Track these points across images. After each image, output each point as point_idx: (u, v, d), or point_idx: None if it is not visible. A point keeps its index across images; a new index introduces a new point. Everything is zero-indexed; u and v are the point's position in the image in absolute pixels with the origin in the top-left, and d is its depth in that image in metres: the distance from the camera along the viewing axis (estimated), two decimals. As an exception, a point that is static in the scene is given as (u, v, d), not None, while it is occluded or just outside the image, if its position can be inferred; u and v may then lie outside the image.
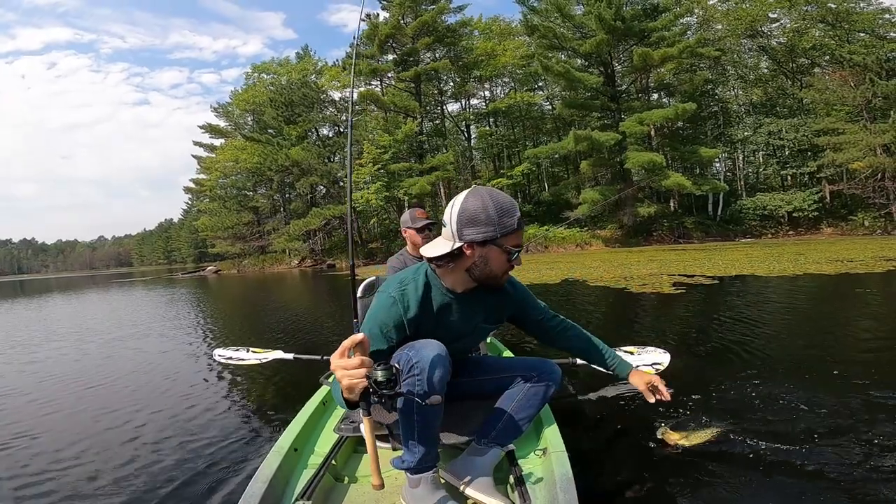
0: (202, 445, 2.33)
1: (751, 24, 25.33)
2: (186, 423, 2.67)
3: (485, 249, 1.39)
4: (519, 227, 1.39)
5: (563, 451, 1.54)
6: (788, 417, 2.23)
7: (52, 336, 6.85)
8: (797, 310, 5.13)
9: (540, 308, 1.69)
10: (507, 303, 1.61)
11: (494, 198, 1.37)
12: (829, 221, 22.71)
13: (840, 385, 2.63)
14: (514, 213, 1.38)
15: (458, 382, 1.66)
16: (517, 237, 1.40)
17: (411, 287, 1.45)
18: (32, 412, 3.16)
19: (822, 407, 2.32)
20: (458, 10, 29.29)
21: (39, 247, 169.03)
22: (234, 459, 2.15)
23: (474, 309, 1.53)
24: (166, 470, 2.09)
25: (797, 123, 24.00)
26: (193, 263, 56.62)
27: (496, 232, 1.36)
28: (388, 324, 1.40)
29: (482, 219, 1.36)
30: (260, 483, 1.37)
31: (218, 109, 39.21)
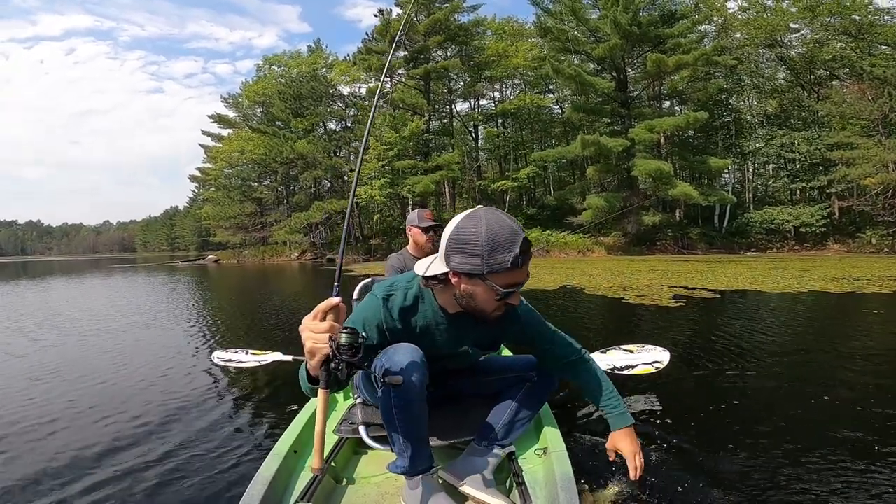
0: (201, 447, 2.31)
1: (770, 34, 24.90)
2: (185, 426, 2.63)
3: (470, 283, 1.26)
4: (514, 265, 1.20)
5: (563, 451, 1.53)
6: (780, 437, 2.13)
7: (47, 325, 6.73)
8: (798, 329, 4.93)
9: (549, 340, 1.55)
10: (506, 332, 1.51)
11: (492, 227, 1.21)
12: (836, 238, 22.37)
13: (837, 410, 2.54)
14: (511, 249, 1.19)
15: (457, 383, 1.66)
16: (511, 276, 1.23)
17: (399, 296, 1.40)
18: (24, 413, 2.99)
19: (817, 431, 2.24)
20: (471, 9, 29.14)
21: (44, 229, 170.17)
22: (234, 462, 2.14)
23: (465, 332, 1.45)
24: (164, 472, 2.07)
25: (810, 136, 23.63)
26: (196, 251, 56.78)
27: (482, 268, 1.21)
28: (370, 323, 1.37)
29: (470, 249, 1.22)
30: (259, 485, 1.37)
31: (228, 100, 39.30)
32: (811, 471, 1.83)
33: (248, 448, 2.30)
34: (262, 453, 2.09)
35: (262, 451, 2.17)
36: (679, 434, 2.22)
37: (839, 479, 1.79)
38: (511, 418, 1.56)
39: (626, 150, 23.36)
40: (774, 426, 2.29)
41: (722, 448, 2.04)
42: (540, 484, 1.48)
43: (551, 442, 1.62)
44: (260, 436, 2.46)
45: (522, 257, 1.21)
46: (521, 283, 1.27)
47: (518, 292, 1.30)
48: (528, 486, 1.44)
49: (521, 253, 1.21)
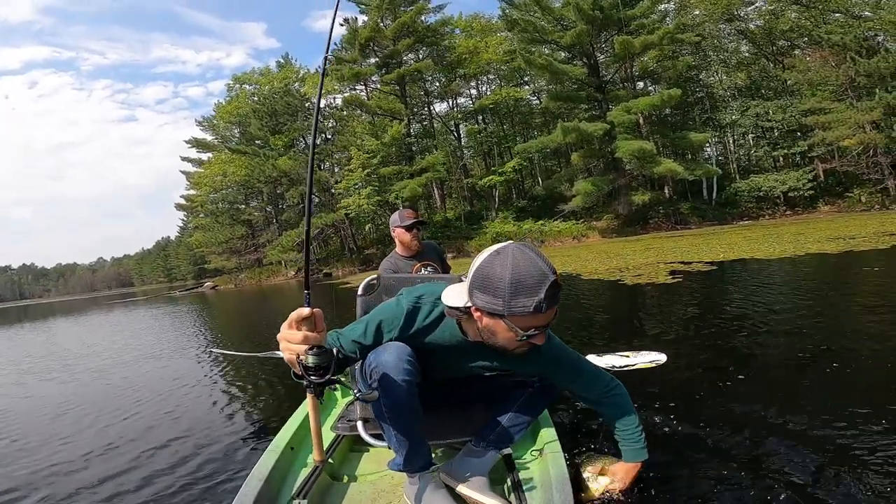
0: (198, 444, 2.31)
1: (727, 8, 25.19)
2: (182, 423, 2.63)
3: (492, 321, 1.24)
4: (538, 310, 1.16)
5: (559, 452, 1.53)
6: (790, 420, 2.04)
7: (57, 365, 6.59)
8: (800, 293, 4.89)
9: (575, 378, 1.53)
10: (527, 362, 1.45)
11: (518, 269, 1.17)
12: (826, 199, 22.55)
13: (848, 380, 2.43)
14: (536, 293, 1.15)
15: (457, 385, 1.66)
16: (534, 320, 1.19)
17: (424, 310, 1.40)
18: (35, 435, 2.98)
19: (827, 408, 2.11)
20: (437, 9, 29.13)
21: (39, 271, 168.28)
22: (230, 458, 2.13)
23: (483, 358, 1.45)
24: (162, 469, 2.06)
25: (783, 105, 23.86)
26: (193, 280, 56.40)
27: (504, 310, 1.19)
28: (385, 324, 1.37)
29: (493, 289, 1.19)
30: (256, 481, 1.36)
31: (203, 123, 38.89)
32: (820, 454, 1.74)
33: (244, 444, 2.28)
34: (259, 449, 2.07)
35: (259, 448, 2.15)
36: (677, 429, 2.15)
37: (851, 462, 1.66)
38: (511, 422, 1.56)
39: (607, 133, 23.43)
40: (783, 408, 2.16)
41: (722, 440, 1.96)
42: (535, 485, 1.48)
43: (547, 443, 1.61)
44: (257, 432, 2.44)
45: (547, 302, 1.17)
46: (544, 326, 1.23)
47: (543, 333, 1.25)
48: (523, 486, 1.45)
49: (547, 298, 1.16)
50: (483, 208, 31.11)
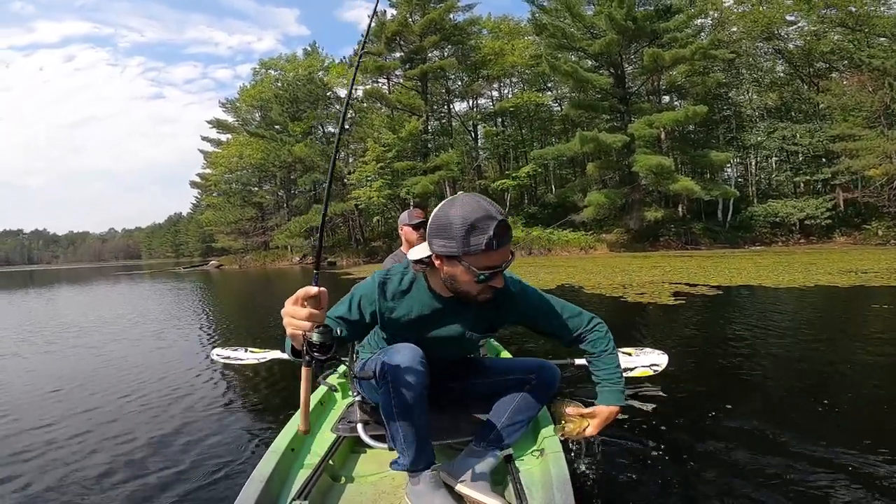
0: (198, 445, 2.29)
1: (767, 27, 24.67)
2: (182, 423, 2.60)
3: (450, 265, 1.32)
4: (489, 247, 1.24)
5: (559, 452, 1.53)
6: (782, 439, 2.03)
7: (55, 335, 6.62)
8: (804, 325, 4.72)
9: (553, 315, 1.55)
10: (504, 312, 1.51)
11: (469, 210, 1.25)
12: (842, 230, 22.06)
13: (844, 411, 2.42)
14: (486, 231, 1.23)
15: (457, 384, 1.68)
16: (487, 258, 1.27)
17: (395, 278, 1.46)
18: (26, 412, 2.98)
19: (823, 433, 2.13)
20: (466, 8, 28.98)
21: (50, 238, 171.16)
22: (231, 459, 2.12)
23: (461, 316, 1.47)
24: (161, 470, 2.05)
25: (812, 129, 23.35)
26: (200, 257, 56.91)
27: (458, 250, 1.27)
28: (364, 300, 1.43)
29: (447, 232, 1.27)
30: (256, 483, 1.36)
31: (226, 105, 39.22)
32: (814, 473, 1.79)
33: (245, 446, 2.27)
34: (259, 451, 2.05)
35: (259, 449, 2.15)
36: (677, 433, 2.21)
37: (842, 482, 1.72)
38: (510, 421, 1.57)
39: (626, 145, 23.15)
40: (776, 428, 2.21)
41: (720, 449, 2.02)
42: (536, 485, 1.48)
43: (548, 443, 1.61)
44: (257, 433, 2.43)
45: (497, 240, 1.24)
46: (498, 265, 1.29)
47: (501, 275, 1.32)
48: (524, 487, 1.44)
49: (496, 235, 1.24)
50: (494, 211, 30.95)
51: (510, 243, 1.30)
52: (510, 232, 1.29)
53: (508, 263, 1.32)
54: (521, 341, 3.90)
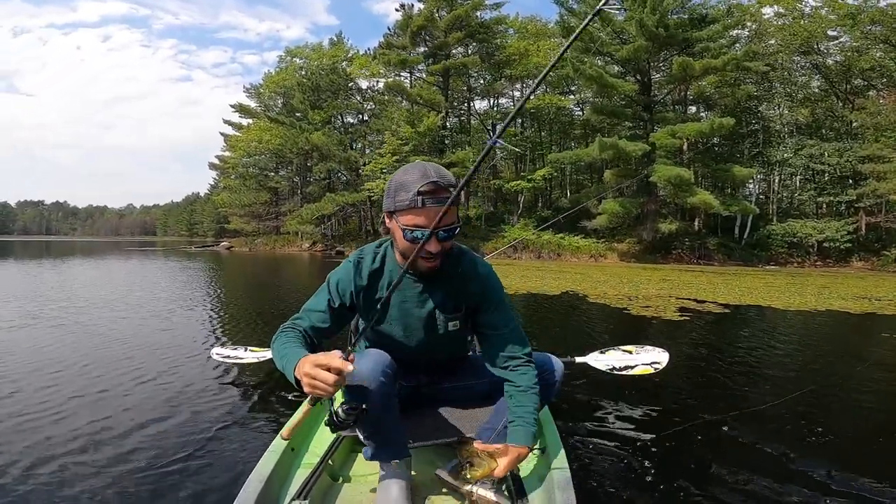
0: (197, 444, 2.27)
1: (806, 41, 23.93)
2: (181, 421, 2.56)
3: (389, 222, 1.36)
4: (413, 204, 1.26)
5: (560, 451, 1.53)
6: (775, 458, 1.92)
7: (60, 309, 6.71)
8: (808, 350, 4.56)
9: (502, 320, 1.48)
10: (465, 290, 1.48)
11: (408, 170, 1.32)
12: (861, 255, 21.43)
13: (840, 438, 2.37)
14: (411, 188, 1.26)
15: (455, 385, 1.68)
16: (412, 215, 1.28)
17: (368, 257, 1.46)
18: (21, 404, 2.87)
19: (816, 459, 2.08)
20: (494, 6, 28.72)
21: (70, 210, 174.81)
22: (230, 458, 2.12)
23: (430, 291, 1.46)
24: (160, 468, 2.02)
25: (842, 148, 22.66)
26: (213, 237, 57.61)
27: (391, 205, 1.32)
28: (342, 283, 1.43)
29: (388, 189, 1.34)
30: (256, 482, 1.36)
31: (250, 90, 39.60)
32: (809, 492, 1.80)
33: (244, 445, 2.26)
34: (258, 450, 2.02)
35: (258, 448, 2.10)
36: (676, 437, 2.24)
37: None
38: None
39: (646, 154, 22.76)
40: (771, 442, 2.22)
41: (717, 456, 2.04)
42: (537, 484, 1.48)
43: (549, 441, 1.62)
44: (256, 433, 2.41)
45: (423, 198, 1.25)
46: (425, 226, 1.26)
47: (432, 239, 1.28)
48: (525, 486, 1.45)
49: (420, 193, 1.25)
50: (506, 212, 30.77)
51: (445, 206, 1.23)
52: (444, 192, 1.27)
53: (445, 229, 1.29)
54: (537, 331, 3.87)
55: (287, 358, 1.25)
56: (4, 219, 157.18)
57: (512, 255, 24.36)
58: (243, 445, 2.26)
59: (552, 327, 5.80)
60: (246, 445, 2.26)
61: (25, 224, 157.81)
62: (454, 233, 1.33)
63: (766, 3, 26.01)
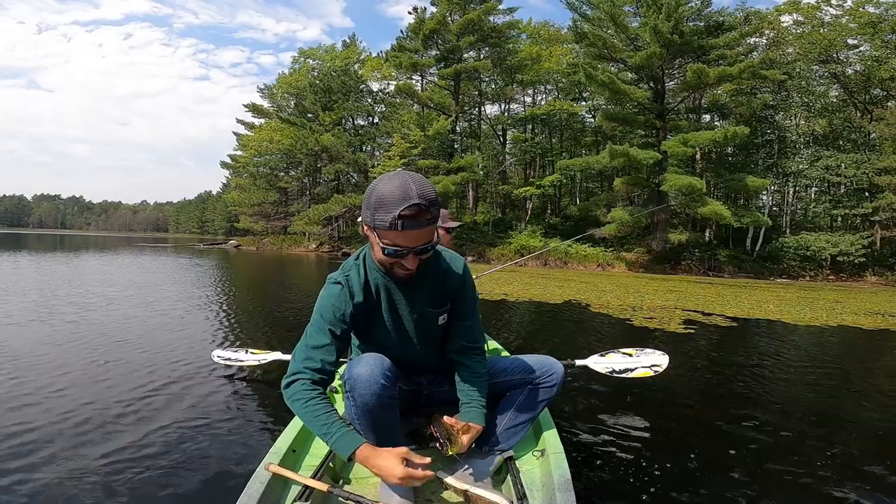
0: (198, 446, 2.26)
1: (825, 49, 23.48)
2: (182, 422, 2.54)
3: (368, 233, 1.36)
4: (392, 227, 1.25)
5: (561, 453, 1.53)
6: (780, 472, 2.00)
7: (68, 303, 6.70)
8: (816, 365, 4.35)
9: (469, 313, 1.58)
10: (448, 284, 1.53)
11: (388, 186, 1.27)
12: (875, 269, 20.90)
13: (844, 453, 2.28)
14: (392, 210, 1.24)
15: (455, 388, 1.64)
16: (392, 237, 1.28)
17: (354, 272, 1.45)
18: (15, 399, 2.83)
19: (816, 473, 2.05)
20: (507, 11, 28.67)
21: (85, 205, 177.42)
22: (232, 460, 2.10)
23: (416, 291, 1.48)
24: (161, 470, 2.00)
25: (859, 160, 22.14)
26: (223, 236, 58.13)
27: (370, 221, 1.31)
28: (333, 315, 1.41)
29: (366, 201, 1.32)
30: (258, 484, 1.37)
31: (263, 90, 39.95)
32: None
33: (245, 447, 2.25)
34: (260, 452, 2.00)
35: (260, 450, 2.11)
36: (676, 439, 2.29)
37: None
38: (511, 423, 1.57)
39: (658, 163, 22.48)
40: (772, 453, 2.20)
41: (716, 459, 2.07)
42: (537, 486, 1.49)
43: (549, 443, 1.61)
44: (258, 434, 2.41)
45: (402, 221, 1.24)
46: (402, 245, 1.29)
47: (410, 257, 1.31)
48: (525, 487, 1.44)
49: (402, 217, 1.23)
50: (514, 218, 30.59)
51: (427, 227, 1.29)
52: (426, 215, 1.26)
53: (426, 246, 1.32)
54: (522, 340, 3.84)
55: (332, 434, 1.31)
56: (20, 212, 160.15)
57: (519, 263, 24.15)
58: (244, 447, 2.24)
59: (549, 337, 5.64)
60: (247, 447, 2.25)
61: (41, 217, 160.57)
62: (433, 248, 1.37)
63: (786, 11, 25.65)
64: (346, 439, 1.28)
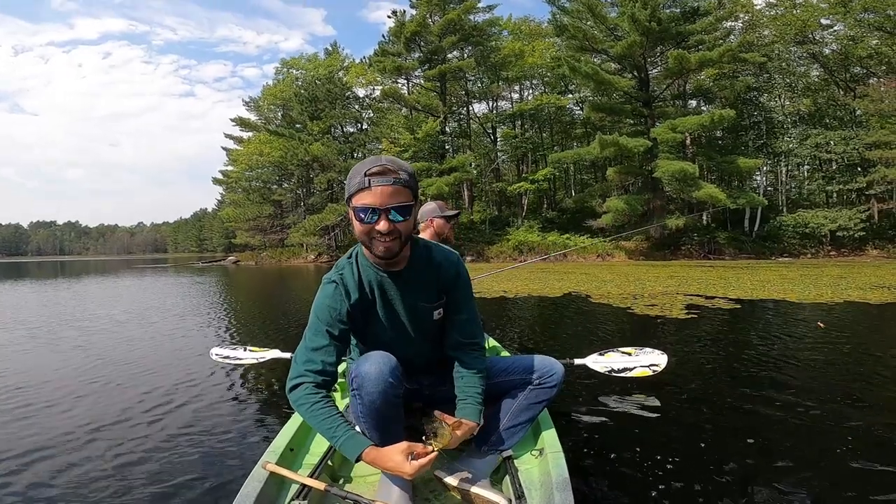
0: (197, 444, 2.24)
1: (801, 30, 23.55)
2: (180, 422, 2.54)
3: (350, 212, 1.39)
4: (362, 185, 1.32)
5: (559, 452, 1.53)
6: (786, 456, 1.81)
7: (68, 326, 6.56)
8: (827, 345, 4.23)
9: (466, 309, 1.57)
10: (441, 276, 1.53)
11: (362, 162, 1.38)
12: (876, 243, 20.87)
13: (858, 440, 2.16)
14: (360, 172, 1.33)
15: (454, 388, 1.63)
16: (362, 196, 1.32)
17: (347, 270, 1.46)
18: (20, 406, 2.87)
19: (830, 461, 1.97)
20: (486, 9, 28.65)
21: (82, 230, 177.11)
22: (230, 459, 2.09)
23: (410, 285, 1.49)
24: (158, 469, 2.00)
25: (847, 136, 22.18)
26: (222, 252, 57.99)
27: (348, 191, 1.36)
28: (330, 316, 1.41)
29: (347, 180, 1.39)
30: (255, 483, 1.36)
31: (249, 103, 39.83)
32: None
33: (244, 445, 2.23)
34: (258, 451, 1.97)
35: (257, 449, 2.09)
36: (676, 437, 2.25)
37: None
38: (511, 423, 1.56)
39: (649, 150, 22.43)
40: (780, 441, 2.16)
41: (718, 455, 2.04)
42: (536, 485, 1.48)
43: (548, 443, 1.61)
44: (256, 433, 2.39)
45: (369, 179, 1.31)
46: (371, 204, 1.31)
47: (382, 219, 1.32)
48: (524, 486, 1.44)
49: (369, 175, 1.31)
50: (510, 215, 30.49)
51: (396, 186, 1.32)
52: (394, 174, 1.32)
53: (396, 207, 1.32)
54: (522, 337, 3.83)
55: (338, 438, 1.31)
56: (18, 240, 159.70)
57: (518, 258, 24.05)
58: (243, 446, 2.23)
59: (549, 331, 5.52)
60: (245, 446, 2.23)
61: (39, 245, 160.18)
62: (407, 215, 1.35)
63: (757, -7, 25.70)
64: (352, 442, 1.30)
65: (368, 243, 1.38)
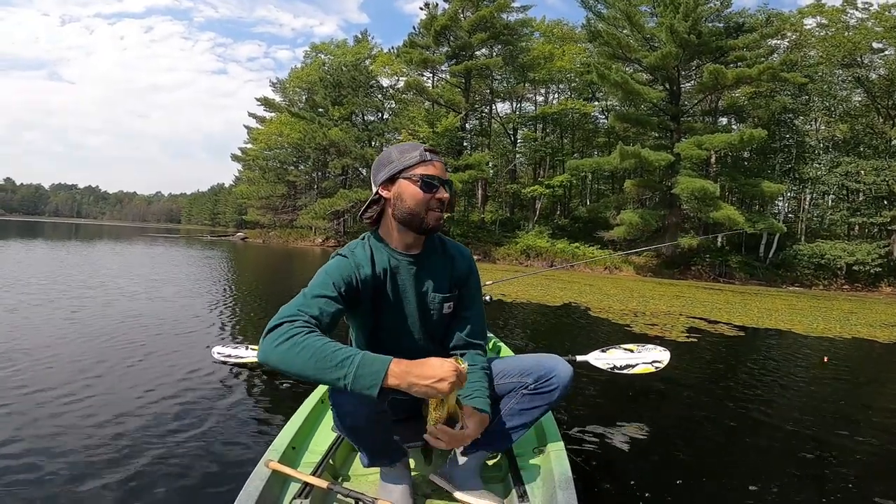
0: (198, 442, 2.23)
1: (850, 53, 22.78)
2: (181, 419, 2.50)
3: (395, 186, 1.39)
4: (423, 159, 1.37)
5: (562, 449, 1.54)
6: None
7: (72, 295, 6.63)
8: (826, 381, 4.05)
9: (474, 306, 1.57)
10: (455, 268, 1.52)
11: (399, 145, 1.43)
12: (890, 280, 20.26)
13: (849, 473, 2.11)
14: (416, 149, 1.39)
15: None
16: (424, 167, 1.37)
17: (359, 248, 1.45)
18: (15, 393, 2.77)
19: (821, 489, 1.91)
20: (521, 9, 28.29)
21: (101, 195, 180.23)
22: (231, 457, 2.09)
23: (423, 272, 1.48)
24: (160, 467, 1.98)
25: (879, 166, 21.45)
26: (233, 228, 58.54)
27: (398, 166, 1.38)
28: (340, 276, 1.34)
29: (385, 160, 1.42)
30: (257, 481, 1.36)
31: (276, 85, 40.02)
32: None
33: (245, 444, 2.23)
34: (259, 449, 1.96)
35: (259, 447, 2.09)
36: (676, 438, 2.30)
37: None
38: (513, 424, 1.51)
39: (670, 165, 21.99)
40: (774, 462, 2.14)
41: (718, 459, 2.11)
42: (538, 483, 1.48)
43: (550, 440, 1.61)
44: (258, 431, 2.39)
45: (430, 154, 1.39)
46: (436, 175, 1.37)
47: (444, 189, 1.37)
48: (526, 484, 1.44)
49: (426, 151, 1.39)
50: (522, 218, 30.23)
51: (443, 163, 1.43)
52: (441, 156, 1.43)
53: (448, 187, 1.39)
54: (524, 339, 3.87)
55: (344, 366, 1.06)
56: (37, 201, 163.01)
57: (524, 263, 23.87)
58: (244, 444, 2.22)
59: (538, 339, 5.40)
60: (246, 444, 2.22)
61: (57, 206, 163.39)
62: (453, 197, 1.44)
63: (809, 13, 24.94)
64: (368, 366, 1.06)
65: (424, 214, 1.37)
